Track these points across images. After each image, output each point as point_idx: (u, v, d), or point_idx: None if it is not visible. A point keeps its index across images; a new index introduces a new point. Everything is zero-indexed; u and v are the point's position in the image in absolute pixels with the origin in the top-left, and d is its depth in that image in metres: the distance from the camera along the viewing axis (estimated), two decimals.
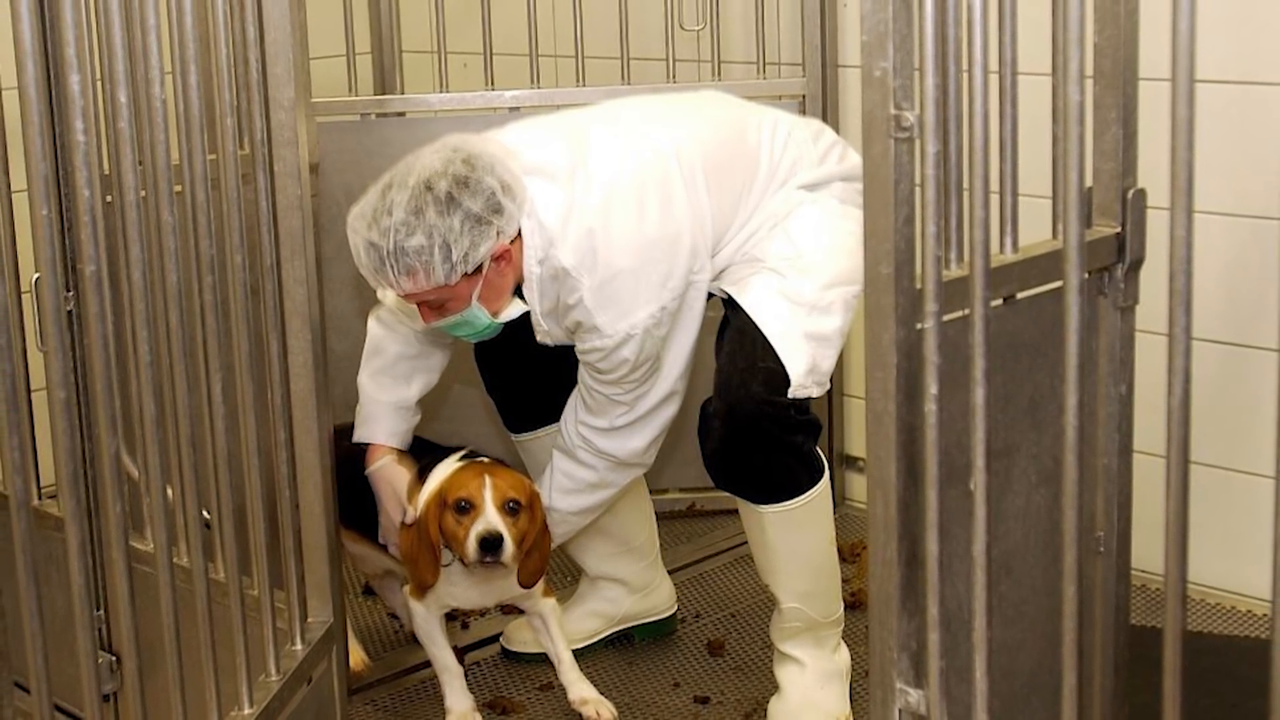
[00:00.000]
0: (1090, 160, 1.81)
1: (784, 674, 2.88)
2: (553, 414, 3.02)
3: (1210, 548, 3.23)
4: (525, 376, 3.10)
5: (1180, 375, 1.49)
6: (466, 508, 2.78)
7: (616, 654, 3.23)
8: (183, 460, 2.24)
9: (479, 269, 2.64)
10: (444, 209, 2.59)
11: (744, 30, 3.81)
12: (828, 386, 2.79)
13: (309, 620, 2.60)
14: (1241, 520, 3.23)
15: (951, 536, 1.64)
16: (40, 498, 2.90)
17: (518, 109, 3.61)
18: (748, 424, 2.71)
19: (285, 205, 2.49)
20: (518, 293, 2.75)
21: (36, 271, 1.93)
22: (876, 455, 1.63)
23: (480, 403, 3.44)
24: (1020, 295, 1.77)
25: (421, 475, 2.92)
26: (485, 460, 2.91)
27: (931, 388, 1.59)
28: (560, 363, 2.91)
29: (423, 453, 2.99)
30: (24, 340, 2.80)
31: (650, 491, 3.25)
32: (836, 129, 3.48)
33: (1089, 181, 1.82)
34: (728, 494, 2.85)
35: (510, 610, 3.26)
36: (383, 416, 2.97)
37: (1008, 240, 1.77)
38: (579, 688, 3.00)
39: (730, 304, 2.79)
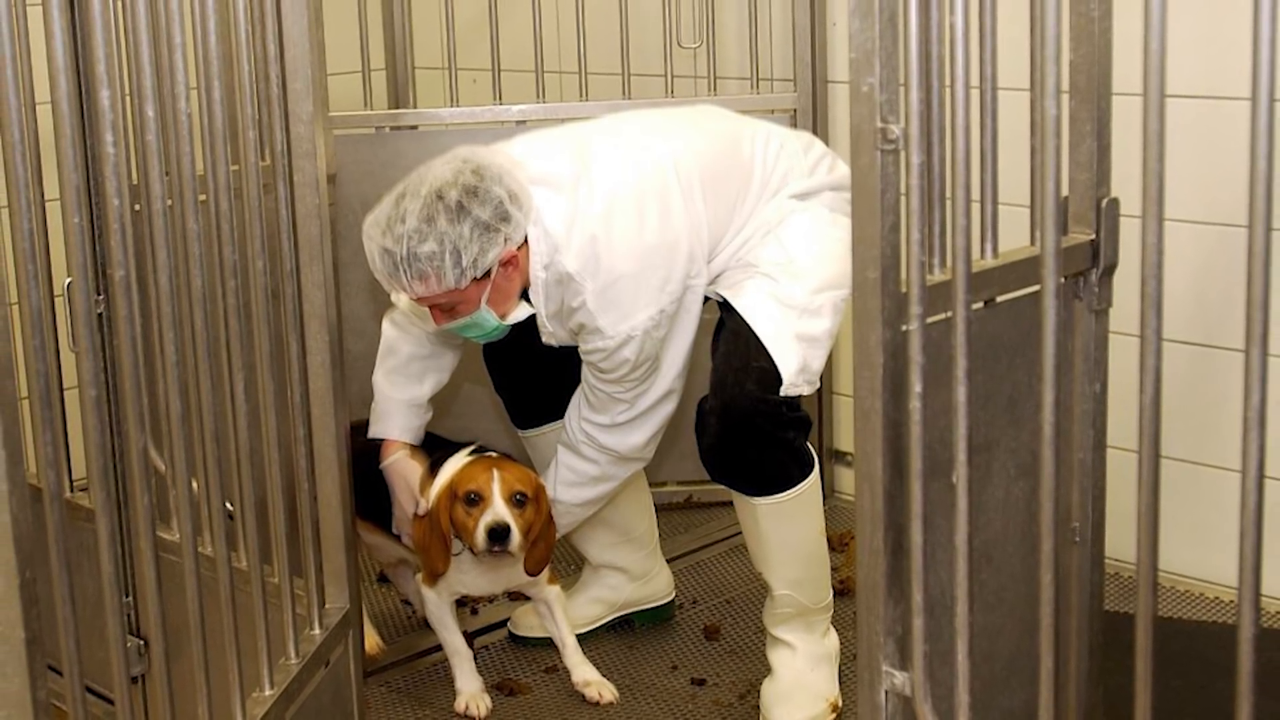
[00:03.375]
0: (1066, 171, 1.81)
1: (776, 657, 2.88)
2: (557, 411, 3.02)
3: (1180, 538, 3.23)
4: (531, 376, 3.10)
5: (1151, 374, 1.49)
6: (476, 500, 2.78)
7: (618, 638, 3.22)
8: (207, 455, 2.24)
9: (487, 274, 2.64)
10: (454, 217, 2.59)
11: (738, 48, 3.81)
12: (818, 385, 2.79)
13: (327, 606, 2.60)
14: (1209, 512, 3.23)
15: (935, 527, 1.64)
16: (72, 490, 2.89)
17: (524, 122, 3.61)
18: (742, 420, 2.70)
19: (304, 213, 2.49)
20: (524, 296, 2.75)
21: (69, 276, 1.93)
22: (864, 450, 1.63)
23: (489, 400, 3.44)
24: (1000, 299, 1.77)
25: (433, 469, 2.92)
26: (493, 455, 2.91)
27: (916, 386, 1.59)
28: (564, 363, 2.91)
29: (434, 448, 2.99)
30: (56, 341, 2.80)
31: (650, 484, 3.25)
32: (826, 141, 3.47)
33: (1065, 191, 1.82)
34: (723, 487, 2.84)
35: (517, 597, 3.26)
36: (396, 413, 2.97)
37: (988, 247, 1.77)
38: (582, 670, 3.00)
39: (725, 307, 2.79)
